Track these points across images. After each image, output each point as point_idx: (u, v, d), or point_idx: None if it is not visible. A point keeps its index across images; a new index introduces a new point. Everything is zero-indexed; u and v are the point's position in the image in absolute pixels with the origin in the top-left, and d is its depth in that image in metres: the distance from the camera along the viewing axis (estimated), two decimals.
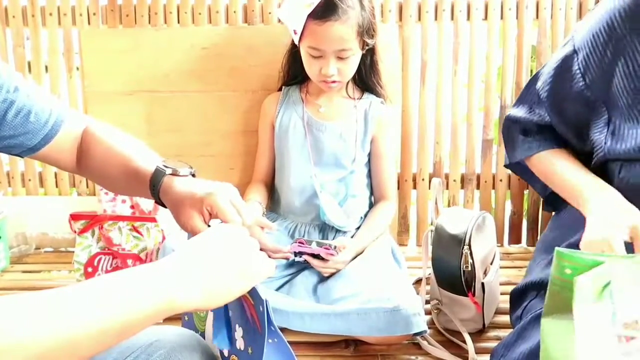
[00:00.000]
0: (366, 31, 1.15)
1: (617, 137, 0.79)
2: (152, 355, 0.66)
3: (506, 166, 1.07)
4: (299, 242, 1.11)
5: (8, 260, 1.41)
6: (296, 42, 1.19)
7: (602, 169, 0.86)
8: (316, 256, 1.11)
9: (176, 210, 0.70)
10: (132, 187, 0.76)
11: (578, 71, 0.83)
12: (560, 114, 0.90)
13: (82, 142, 0.79)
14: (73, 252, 1.20)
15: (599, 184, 0.83)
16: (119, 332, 0.50)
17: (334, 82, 1.17)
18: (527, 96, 0.98)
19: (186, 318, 0.83)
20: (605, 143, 0.81)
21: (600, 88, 0.81)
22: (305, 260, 1.12)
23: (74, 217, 1.19)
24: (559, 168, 0.90)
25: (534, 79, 0.96)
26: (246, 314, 0.62)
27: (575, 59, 0.84)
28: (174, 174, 0.73)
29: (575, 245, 0.85)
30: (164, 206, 0.74)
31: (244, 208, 0.68)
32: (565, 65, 0.86)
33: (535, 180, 1.02)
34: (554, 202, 1.01)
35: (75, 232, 1.19)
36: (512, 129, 1.00)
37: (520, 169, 1.04)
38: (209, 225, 0.68)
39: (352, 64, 1.18)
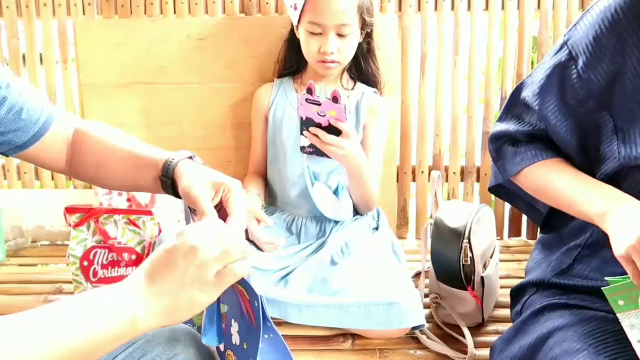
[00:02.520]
0: (366, 9, 1.16)
1: (629, 142, 0.73)
2: (147, 350, 0.66)
3: (491, 190, 0.95)
4: (308, 89, 1.04)
5: (4, 254, 1.41)
6: (295, 22, 1.18)
7: (610, 177, 0.78)
8: (324, 129, 1.07)
9: (192, 182, 0.68)
10: (137, 177, 0.75)
11: (578, 79, 0.75)
12: (559, 126, 0.80)
13: (74, 141, 0.79)
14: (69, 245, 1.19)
15: (615, 194, 0.73)
16: (84, 355, 0.50)
17: (332, 62, 1.16)
18: (513, 108, 0.86)
19: None
20: (619, 152, 0.74)
21: (605, 94, 0.74)
22: (311, 147, 1.09)
23: (69, 210, 1.18)
24: (557, 178, 0.79)
25: (519, 90, 0.86)
26: (242, 309, 0.61)
27: (574, 66, 0.75)
28: (191, 158, 0.74)
29: (574, 247, 0.84)
30: (168, 188, 0.72)
31: (244, 209, 0.68)
32: (561, 74, 0.77)
33: (522, 202, 0.93)
34: (552, 225, 0.92)
35: (70, 225, 1.18)
36: (500, 144, 0.88)
37: (505, 191, 0.93)
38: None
39: (351, 44, 1.17)
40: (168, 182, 0.72)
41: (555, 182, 0.80)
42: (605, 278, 0.68)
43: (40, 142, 0.75)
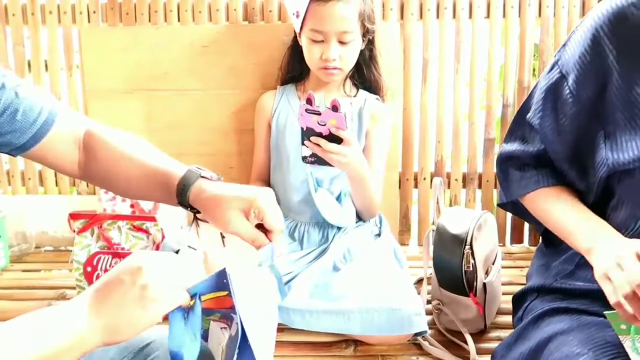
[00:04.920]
0: (367, 16, 1.18)
1: (616, 149, 0.76)
2: (148, 356, 0.66)
3: (500, 205, 0.98)
4: (308, 99, 1.04)
5: (8, 259, 1.41)
6: (297, 30, 1.19)
7: (604, 186, 0.81)
8: (325, 137, 1.07)
9: (216, 212, 0.68)
10: (150, 189, 0.74)
11: (569, 95, 0.79)
12: (556, 143, 0.84)
13: (85, 145, 0.77)
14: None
15: (601, 232, 0.77)
16: None
17: (335, 68, 1.17)
18: (518, 129, 0.91)
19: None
20: (607, 158, 0.77)
21: (594, 107, 0.78)
22: (313, 157, 1.09)
23: (73, 216, 1.18)
24: (556, 208, 0.83)
25: (522, 111, 0.90)
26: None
27: (565, 84, 0.80)
28: (208, 178, 0.72)
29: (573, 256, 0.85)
30: (191, 209, 0.72)
31: (280, 215, 0.69)
32: (555, 92, 0.82)
33: (530, 216, 0.94)
34: (551, 238, 0.94)
35: (74, 231, 1.19)
36: (507, 166, 0.92)
37: (514, 207, 0.97)
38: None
39: (353, 51, 1.18)
40: (186, 205, 0.72)
41: (552, 211, 0.84)
42: (604, 313, 0.70)
43: (43, 143, 0.74)
